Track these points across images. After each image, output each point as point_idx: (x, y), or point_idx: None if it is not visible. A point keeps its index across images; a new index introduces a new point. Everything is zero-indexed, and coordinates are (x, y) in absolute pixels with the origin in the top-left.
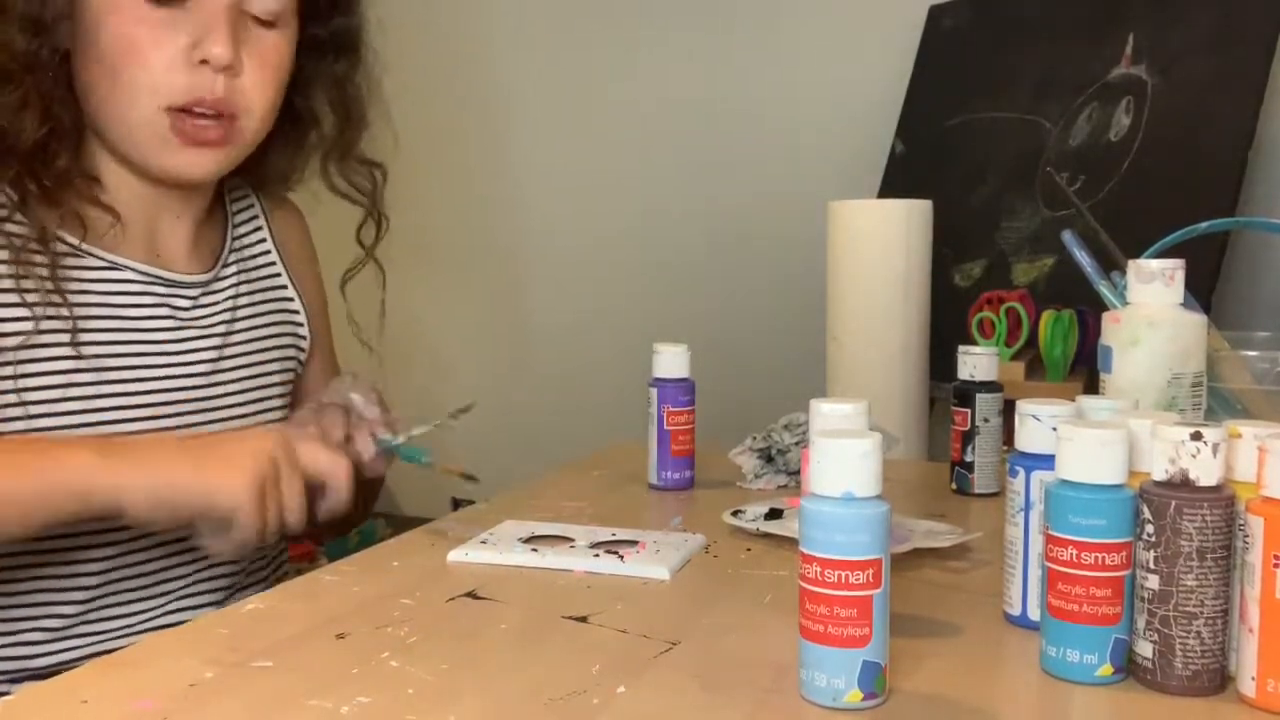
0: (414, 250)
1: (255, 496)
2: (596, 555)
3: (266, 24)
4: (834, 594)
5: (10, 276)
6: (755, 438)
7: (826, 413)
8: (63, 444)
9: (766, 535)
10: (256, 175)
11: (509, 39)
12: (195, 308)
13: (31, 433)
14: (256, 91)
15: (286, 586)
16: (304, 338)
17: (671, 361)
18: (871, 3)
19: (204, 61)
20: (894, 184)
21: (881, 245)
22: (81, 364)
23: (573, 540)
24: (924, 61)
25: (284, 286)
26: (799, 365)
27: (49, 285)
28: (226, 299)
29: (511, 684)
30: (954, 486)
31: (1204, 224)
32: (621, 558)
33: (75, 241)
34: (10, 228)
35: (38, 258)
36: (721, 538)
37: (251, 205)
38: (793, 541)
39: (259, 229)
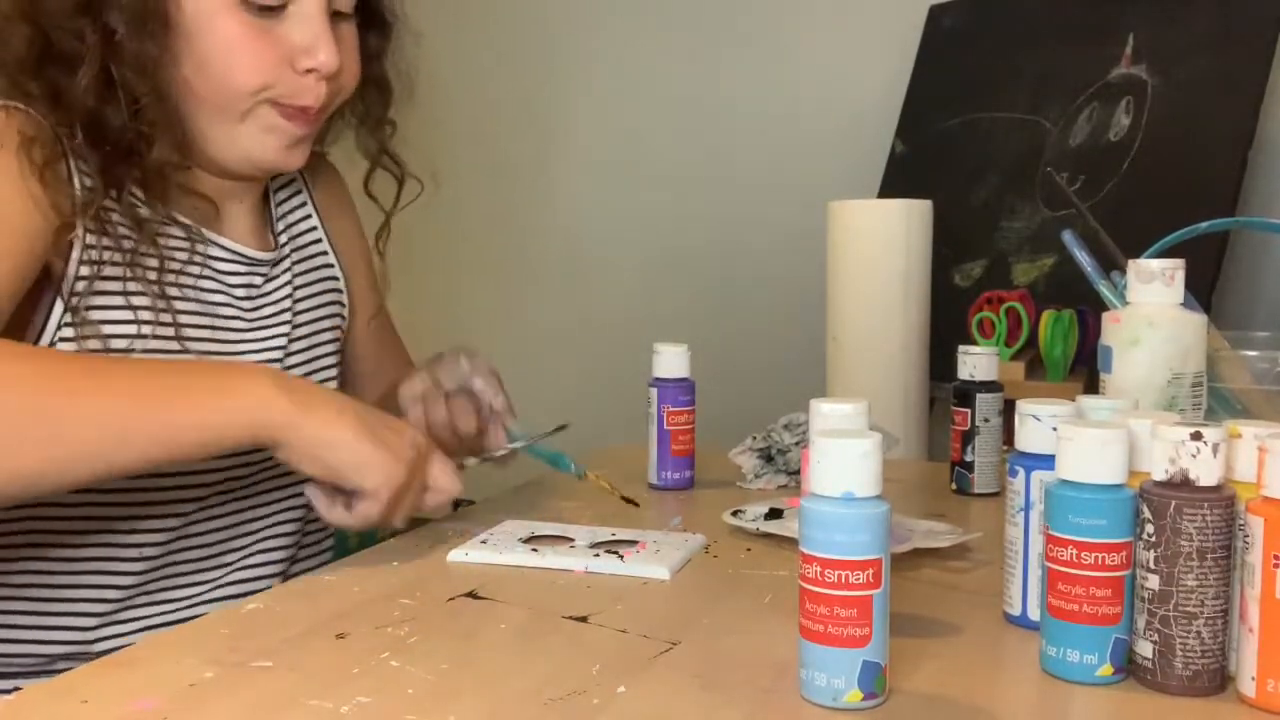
0: (413, 250)
1: (399, 488)
2: (596, 555)
3: (345, 15)
4: (834, 594)
5: (118, 281)
6: (755, 438)
7: (826, 413)
8: (236, 369)
9: (767, 535)
10: None
11: (508, 40)
12: (268, 282)
13: None
14: (345, 83)
15: (286, 586)
16: (344, 304)
17: (671, 361)
18: (871, 3)
19: (309, 70)
20: (894, 184)
21: (881, 245)
22: (188, 357)
23: (573, 540)
24: (924, 61)
25: (325, 253)
26: (799, 365)
27: (156, 289)
28: (286, 275)
29: (511, 684)
30: (954, 486)
31: (1204, 224)
32: (621, 557)
33: (187, 223)
34: (120, 229)
35: (148, 261)
36: (721, 538)
37: (293, 177)
38: (793, 541)
39: (304, 202)
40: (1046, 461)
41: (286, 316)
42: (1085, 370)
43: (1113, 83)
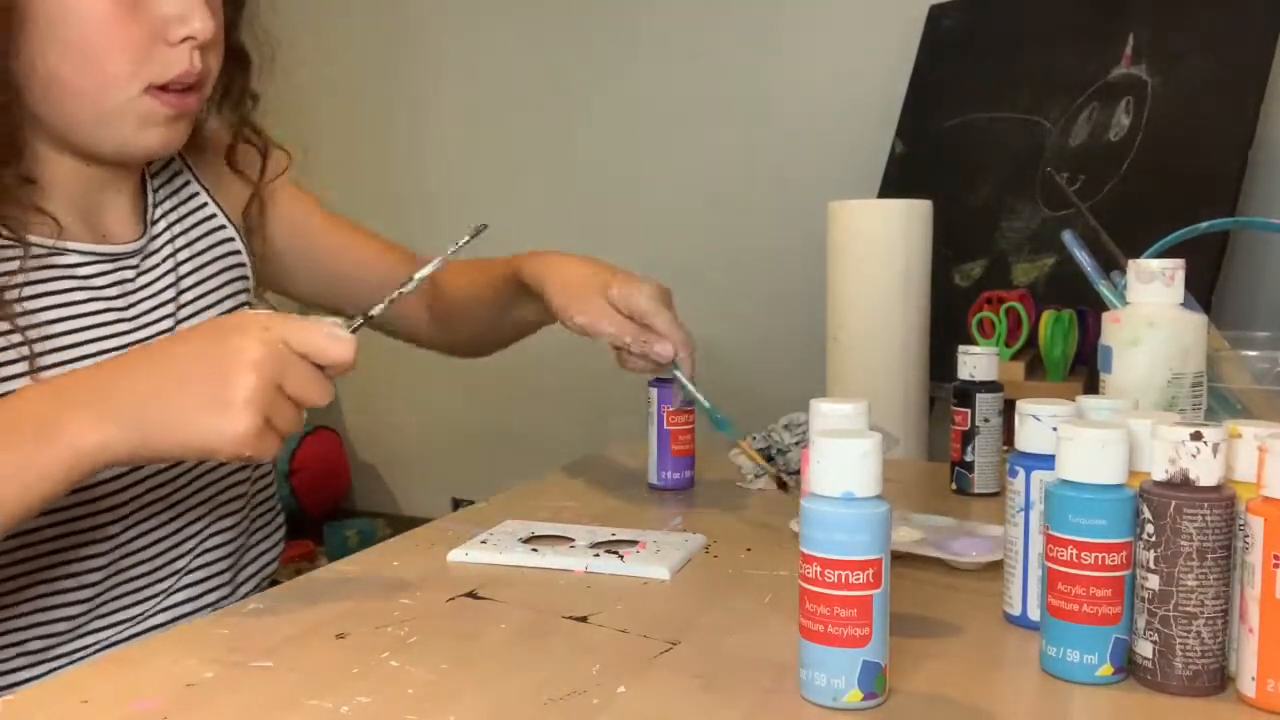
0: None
1: (257, 436)
2: (596, 555)
3: None
4: (834, 594)
5: None
6: (755, 438)
7: (826, 413)
8: (35, 418)
9: (764, 525)
10: None
11: (511, 37)
12: (140, 274)
13: None
14: (215, 56)
15: (287, 586)
16: (245, 265)
17: None
18: (871, 3)
19: (185, 39)
20: (894, 184)
21: (881, 245)
22: (57, 372)
23: (573, 540)
24: (924, 61)
25: (222, 227)
26: (799, 365)
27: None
28: (165, 256)
29: (511, 684)
30: (954, 486)
31: (1204, 224)
32: (621, 557)
33: (12, 241)
34: None
35: None
36: (722, 538)
37: (170, 158)
38: (793, 541)
39: (187, 181)
40: (1046, 461)
41: (167, 299)
42: (1085, 370)
43: (1113, 83)
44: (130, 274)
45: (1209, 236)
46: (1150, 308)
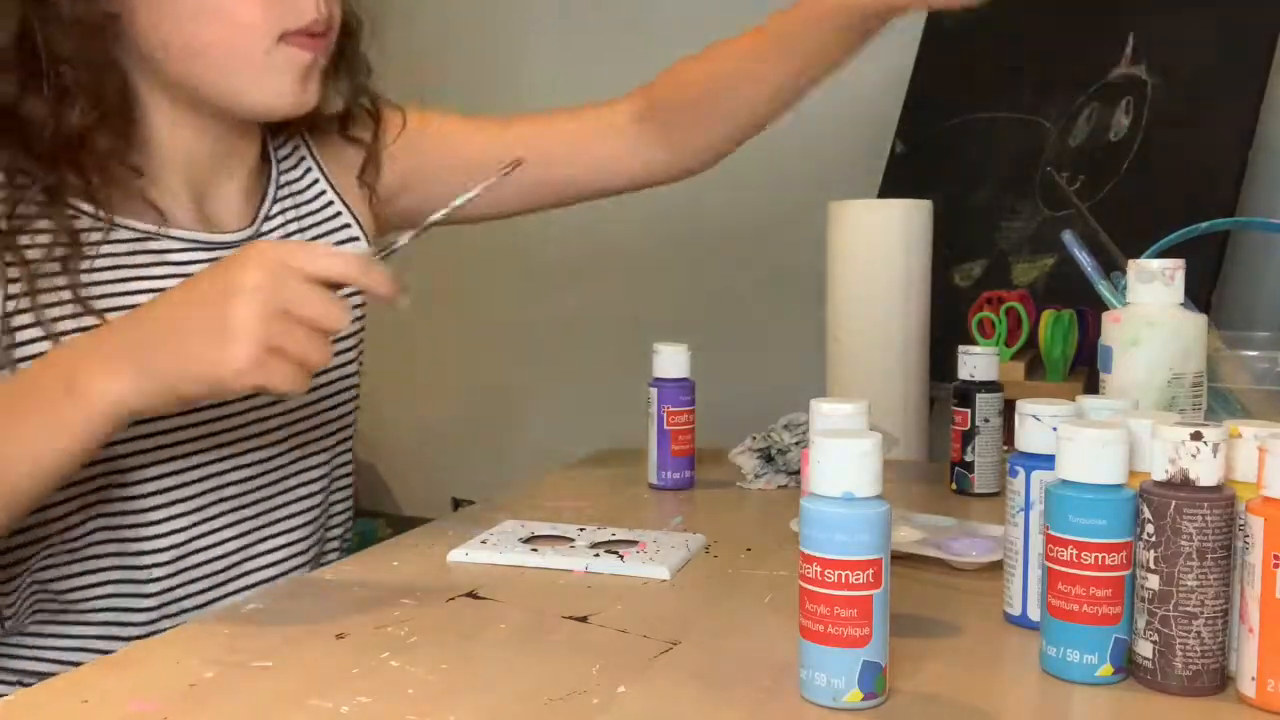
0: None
1: (258, 363)
2: (596, 555)
3: None
4: (834, 594)
5: (27, 296)
6: (755, 438)
7: (826, 413)
8: (43, 392)
9: (764, 525)
10: None
11: (510, 35)
12: None
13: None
14: (337, 3)
15: (287, 586)
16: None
17: (671, 361)
18: None
19: None
20: (894, 184)
21: (881, 245)
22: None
23: (572, 540)
24: (924, 61)
25: (339, 214)
26: (799, 365)
27: (70, 296)
28: None
29: (511, 684)
30: (954, 486)
31: (1204, 224)
32: (621, 557)
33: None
34: (40, 237)
35: (60, 270)
36: (722, 538)
37: (296, 144)
38: (793, 540)
39: (308, 169)
40: (1046, 461)
41: None
42: (1085, 370)
43: (1113, 83)
44: None
45: (1209, 236)
46: (1150, 308)
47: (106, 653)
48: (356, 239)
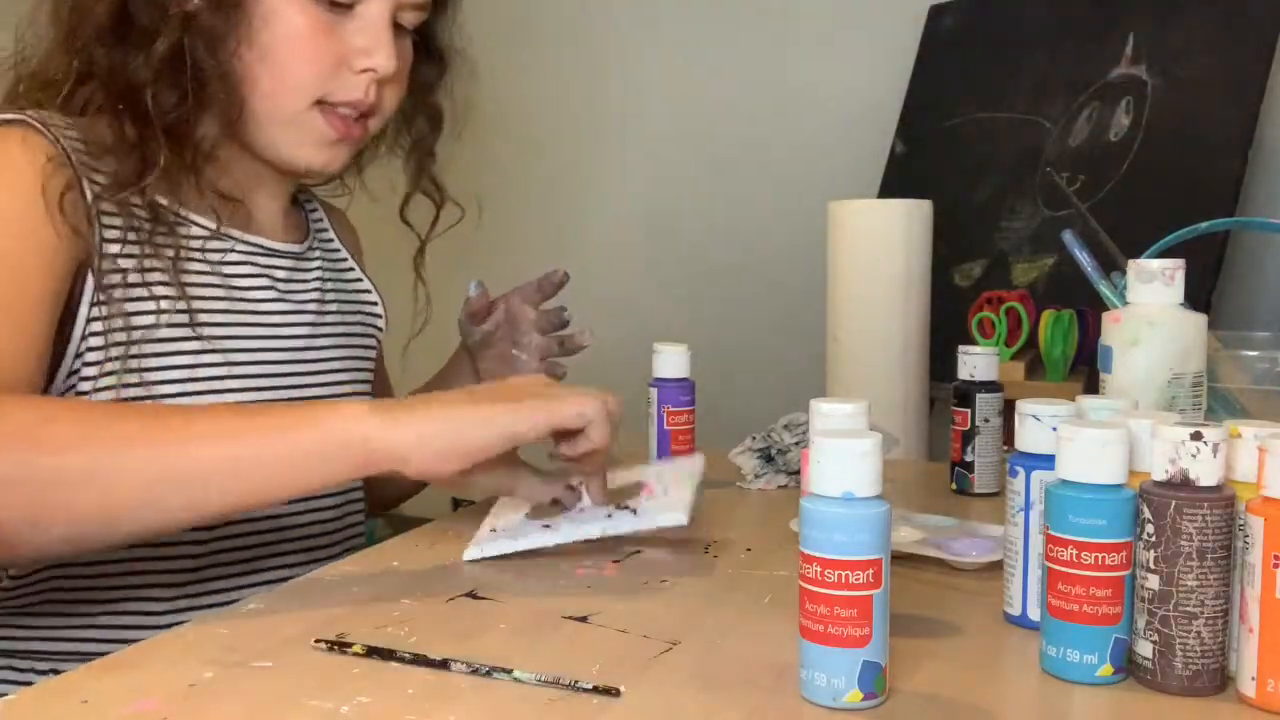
0: (410, 250)
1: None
2: (609, 515)
3: (405, 31)
4: (834, 594)
5: (137, 265)
6: (755, 438)
7: (826, 413)
8: (321, 404)
9: (764, 525)
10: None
11: (511, 41)
12: (290, 279)
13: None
14: (392, 95)
15: (286, 586)
16: (380, 329)
17: (671, 361)
18: (871, 3)
19: (365, 70)
20: (894, 184)
21: (881, 245)
22: (203, 345)
23: (580, 504)
24: (924, 61)
25: (359, 279)
26: (799, 365)
27: (173, 271)
28: (315, 275)
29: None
30: (954, 486)
31: (1204, 224)
32: (634, 511)
33: (184, 213)
34: (137, 210)
35: (163, 241)
36: (722, 538)
37: (313, 204)
38: (793, 540)
39: (326, 227)
40: (1046, 461)
41: (309, 314)
42: (1085, 370)
43: (1113, 83)
44: (282, 275)
45: (1209, 236)
46: (1150, 308)
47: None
48: (375, 303)
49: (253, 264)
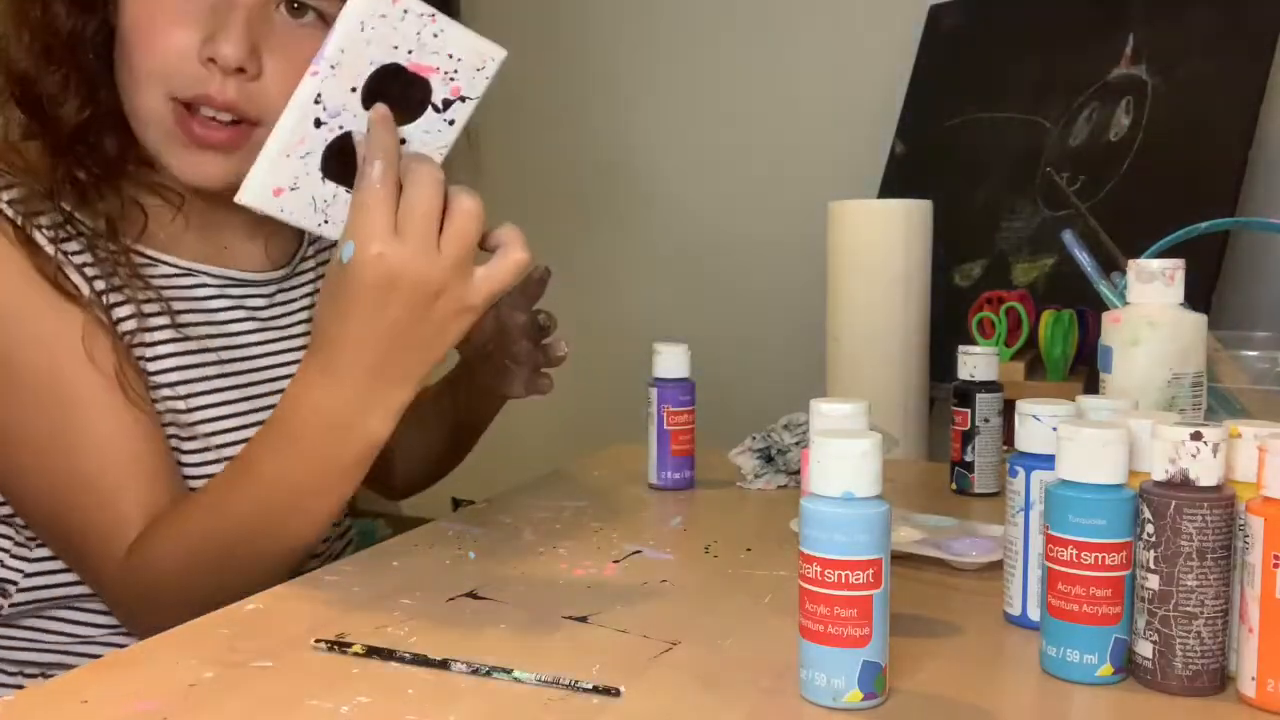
0: None
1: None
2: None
3: (298, 13)
4: (834, 594)
5: (103, 277)
6: (755, 438)
7: (826, 413)
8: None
9: (764, 525)
10: None
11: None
12: (271, 307)
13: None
14: (282, 96)
15: (286, 586)
16: None
17: (671, 361)
18: (871, 3)
19: (212, 60)
20: (894, 184)
21: (881, 245)
22: (190, 345)
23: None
24: (924, 61)
25: None
26: (799, 365)
27: (129, 273)
28: (304, 295)
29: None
30: (954, 486)
31: (1204, 224)
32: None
33: (152, 253)
34: (81, 227)
35: (112, 248)
36: (722, 538)
37: None
38: (793, 540)
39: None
40: (1046, 461)
41: (297, 343)
42: (1085, 370)
43: (1113, 83)
44: (261, 304)
45: (1209, 236)
46: (1150, 308)
47: (118, 645)
48: None
49: (226, 296)
